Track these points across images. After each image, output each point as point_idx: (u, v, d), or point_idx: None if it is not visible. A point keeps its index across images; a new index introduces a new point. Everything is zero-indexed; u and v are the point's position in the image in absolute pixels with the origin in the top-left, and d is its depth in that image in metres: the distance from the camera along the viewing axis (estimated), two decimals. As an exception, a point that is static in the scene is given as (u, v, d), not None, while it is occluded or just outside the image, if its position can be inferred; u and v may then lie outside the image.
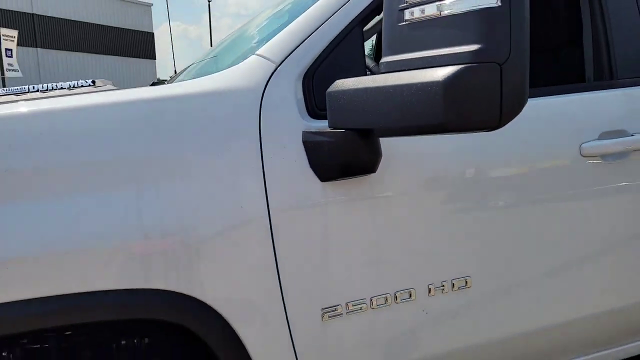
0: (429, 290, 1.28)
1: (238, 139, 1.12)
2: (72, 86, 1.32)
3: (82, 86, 1.33)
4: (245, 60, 1.23)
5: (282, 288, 1.14)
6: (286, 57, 1.19)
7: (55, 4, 30.18)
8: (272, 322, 1.15)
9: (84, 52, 31.22)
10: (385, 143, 1.18)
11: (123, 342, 1.20)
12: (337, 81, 1.09)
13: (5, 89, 1.30)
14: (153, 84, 1.75)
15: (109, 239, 1.03)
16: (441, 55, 0.87)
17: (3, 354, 1.20)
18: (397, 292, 1.25)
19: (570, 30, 1.65)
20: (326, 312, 1.19)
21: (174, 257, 1.06)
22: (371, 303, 1.23)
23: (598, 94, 1.45)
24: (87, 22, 31.41)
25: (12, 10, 27.19)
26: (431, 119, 0.88)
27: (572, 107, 1.41)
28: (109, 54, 31.89)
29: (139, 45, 34.21)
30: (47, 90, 1.30)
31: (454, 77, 0.84)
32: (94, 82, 1.35)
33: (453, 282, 1.30)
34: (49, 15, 29.84)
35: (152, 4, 38.75)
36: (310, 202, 1.15)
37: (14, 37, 19.54)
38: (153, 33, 36.90)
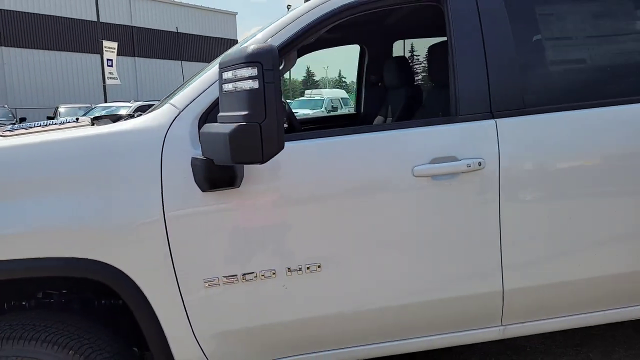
0: (288, 271, 1.77)
1: (147, 162, 1.69)
2: (62, 122, 1.98)
3: (69, 122, 1.98)
4: (163, 106, 1.81)
5: (174, 263, 1.69)
6: (186, 106, 1.75)
7: (151, 16, 33.09)
8: (168, 288, 1.70)
9: (174, 59, 33.91)
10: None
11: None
12: (205, 125, 1.63)
13: (17, 125, 1.99)
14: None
15: (65, 225, 1.64)
16: (232, 115, 1.39)
17: (23, 303, 1.88)
18: (261, 271, 1.75)
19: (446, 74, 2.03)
20: (207, 282, 1.73)
21: (102, 238, 1.65)
22: (242, 277, 1.75)
23: (436, 127, 1.85)
24: (179, 32, 34.06)
25: (114, 24, 30.24)
26: (227, 156, 1.40)
27: (410, 137, 1.83)
28: (196, 61, 34.37)
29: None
30: (46, 125, 1.96)
31: (233, 131, 1.37)
32: (77, 119, 2.00)
33: (307, 266, 1.78)
34: (146, 27, 32.82)
35: (236, 13, 41.12)
36: (193, 205, 1.69)
37: (114, 48, 21.84)
38: (237, 40, 39.09)
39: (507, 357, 2.69)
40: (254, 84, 1.34)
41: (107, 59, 21.45)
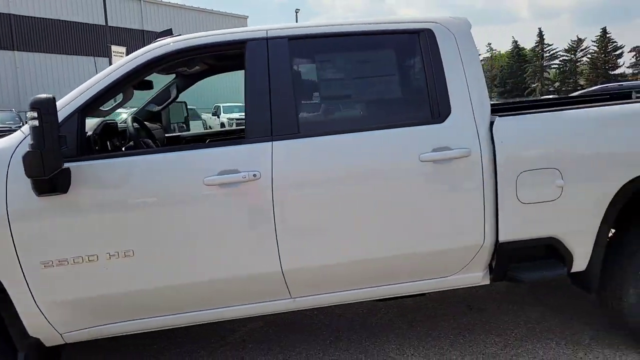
0: (108, 256, 2.34)
1: None
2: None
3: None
4: (16, 132, 2.40)
5: (17, 250, 2.27)
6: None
7: (162, 20, 33.96)
8: (14, 269, 2.27)
9: (183, 62, 34.62)
10: (81, 173, 2.27)
11: None
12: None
13: None
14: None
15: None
16: (29, 143, 1.99)
17: None
18: (87, 255, 2.33)
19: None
20: (43, 264, 2.31)
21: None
22: (72, 260, 2.32)
23: (227, 147, 2.41)
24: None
25: (125, 28, 31.24)
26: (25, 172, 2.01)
27: (204, 155, 2.39)
28: (204, 64, 35.09)
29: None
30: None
31: (24, 155, 1.98)
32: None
33: (123, 252, 2.35)
34: (156, 30, 33.71)
35: (247, 17, 41.85)
36: (30, 207, 2.27)
37: (123, 53, 22.65)
38: (245, 43, 39.67)
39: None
40: (36, 123, 1.94)
41: (115, 64, 22.25)
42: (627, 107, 2.64)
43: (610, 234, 2.69)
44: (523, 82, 74.72)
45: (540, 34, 76.74)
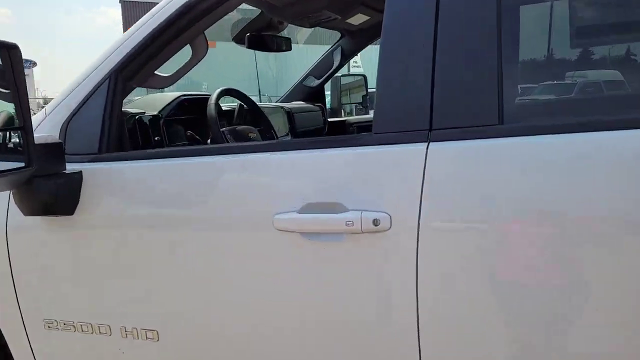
0: (123, 332, 1.34)
1: None
2: None
3: None
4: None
5: (18, 299, 1.46)
6: None
7: None
8: (15, 323, 1.47)
9: None
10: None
11: None
12: None
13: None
14: None
15: None
16: None
17: None
18: (98, 324, 1.37)
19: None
20: (47, 323, 1.44)
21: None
22: (79, 327, 1.40)
23: (327, 151, 1.10)
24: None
25: None
26: None
27: (273, 166, 1.14)
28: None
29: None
30: None
31: None
32: None
33: (143, 330, 1.32)
34: None
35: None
36: (25, 228, 1.40)
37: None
38: None
39: None
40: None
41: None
42: None
43: None
44: None
45: None
